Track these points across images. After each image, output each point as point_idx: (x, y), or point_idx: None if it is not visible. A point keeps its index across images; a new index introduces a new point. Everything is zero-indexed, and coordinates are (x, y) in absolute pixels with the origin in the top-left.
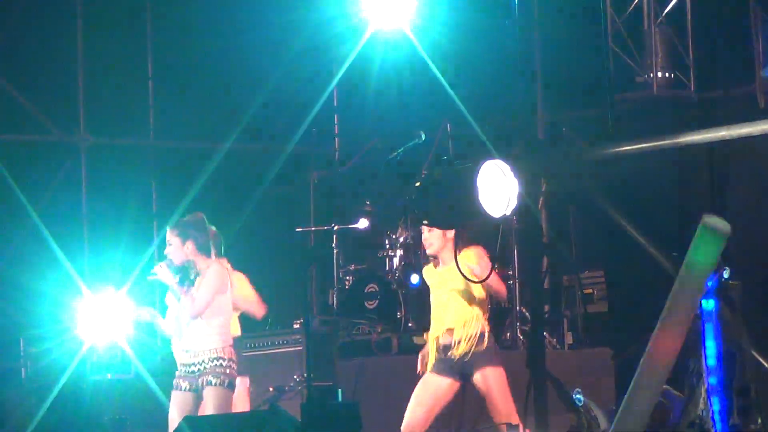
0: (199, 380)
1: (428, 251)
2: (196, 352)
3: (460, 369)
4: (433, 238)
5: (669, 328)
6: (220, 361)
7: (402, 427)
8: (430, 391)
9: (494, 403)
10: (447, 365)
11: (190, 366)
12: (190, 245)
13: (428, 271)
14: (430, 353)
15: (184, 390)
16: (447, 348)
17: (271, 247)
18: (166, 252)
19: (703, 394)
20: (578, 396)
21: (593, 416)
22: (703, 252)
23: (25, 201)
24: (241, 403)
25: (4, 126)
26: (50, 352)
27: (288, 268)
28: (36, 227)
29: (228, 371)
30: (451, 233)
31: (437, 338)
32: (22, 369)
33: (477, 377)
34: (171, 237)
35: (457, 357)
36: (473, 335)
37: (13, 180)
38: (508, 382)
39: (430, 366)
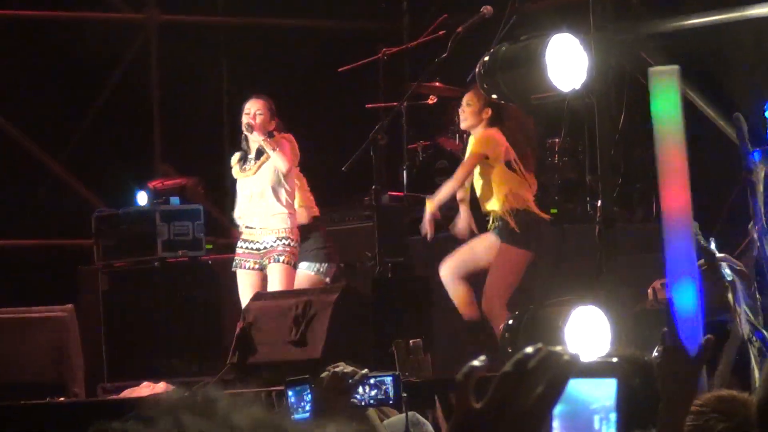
0: (264, 258)
1: (462, 125)
2: (262, 230)
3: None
4: (467, 114)
5: (669, 180)
6: (284, 240)
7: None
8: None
9: (490, 278)
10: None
11: (254, 243)
12: (275, 123)
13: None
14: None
15: (249, 269)
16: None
17: (340, 124)
18: (250, 120)
19: None
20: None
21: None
22: (663, 98)
23: (95, 81)
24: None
25: (72, 3)
26: (122, 229)
27: (357, 144)
28: (106, 107)
29: (293, 251)
30: (486, 113)
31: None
32: (94, 246)
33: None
34: (261, 108)
35: (493, 229)
36: (498, 212)
37: (83, 59)
38: (521, 269)
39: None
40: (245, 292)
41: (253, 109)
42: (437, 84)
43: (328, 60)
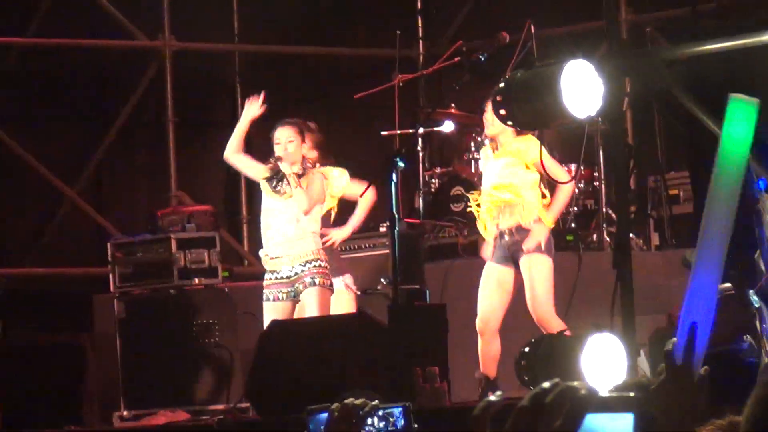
0: (297, 284)
1: (487, 131)
2: (290, 257)
3: (512, 256)
4: (494, 118)
5: (717, 209)
6: (319, 262)
7: (477, 321)
8: (493, 279)
9: (534, 289)
10: (501, 253)
11: (281, 272)
12: (308, 142)
13: (485, 152)
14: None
15: (279, 300)
16: (501, 235)
17: (356, 151)
18: (281, 150)
19: None
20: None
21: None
22: (738, 123)
23: (110, 108)
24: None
25: (87, 31)
26: (138, 257)
27: (373, 172)
28: (121, 135)
29: (327, 272)
30: None
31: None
32: (110, 274)
33: (522, 262)
34: (291, 134)
35: (509, 244)
36: (522, 223)
37: (98, 86)
38: (554, 276)
39: (489, 254)
40: None
41: (282, 138)
42: (452, 110)
43: (343, 87)
